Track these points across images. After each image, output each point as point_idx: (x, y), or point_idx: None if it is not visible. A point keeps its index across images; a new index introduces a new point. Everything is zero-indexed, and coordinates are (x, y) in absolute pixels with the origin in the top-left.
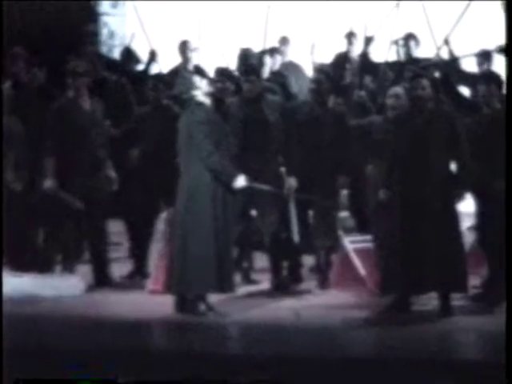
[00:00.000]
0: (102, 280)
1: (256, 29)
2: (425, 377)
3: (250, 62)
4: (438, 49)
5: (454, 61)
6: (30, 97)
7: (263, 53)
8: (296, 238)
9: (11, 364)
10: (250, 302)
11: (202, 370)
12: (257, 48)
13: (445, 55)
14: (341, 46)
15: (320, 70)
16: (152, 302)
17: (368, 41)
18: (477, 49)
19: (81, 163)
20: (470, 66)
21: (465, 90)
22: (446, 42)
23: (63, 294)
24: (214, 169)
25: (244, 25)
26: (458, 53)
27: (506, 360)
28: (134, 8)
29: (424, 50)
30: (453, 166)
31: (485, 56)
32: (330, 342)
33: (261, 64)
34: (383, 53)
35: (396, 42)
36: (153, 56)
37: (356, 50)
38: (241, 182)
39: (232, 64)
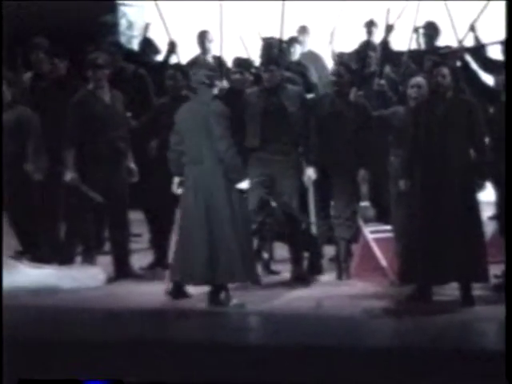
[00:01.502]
0: (122, 271)
1: (275, 18)
2: (446, 367)
3: (270, 51)
4: (462, 38)
5: (478, 48)
6: (50, 88)
7: (282, 42)
8: (315, 229)
9: (30, 355)
10: (270, 293)
11: (223, 360)
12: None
13: (470, 42)
14: (360, 35)
15: (340, 61)
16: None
17: (389, 29)
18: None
19: (101, 155)
20: (496, 53)
21: (489, 78)
22: (472, 28)
23: (83, 286)
24: (229, 163)
25: (264, 14)
26: (483, 40)
27: (506, 361)
28: None
29: (446, 39)
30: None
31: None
32: (351, 332)
33: (280, 54)
34: (404, 41)
35: (416, 31)
36: (172, 47)
37: (376, 39)
38: (245, 184)
39: (252, 53)
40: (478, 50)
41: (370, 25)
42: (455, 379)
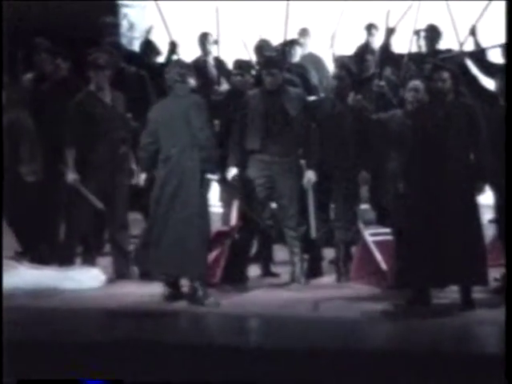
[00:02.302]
0: (122, 272)
1: (277, 20)
2: (445, 370)
3: (269, 53)
4: (463, 41)
5: (479, 52)
6: (53, 88)
7: (284, 45)
8: (314, 232)
9: (29, 357)
10: (269, 295)
11: (220, 362)
12: (278, 40)
13: (471, 45)
14: (361, 38)
15: (342, 65)
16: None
17: (389, 32)
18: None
19: (102, 156)
20: (497, 57)
21: (490, 82)
22: (473, 32)
23: (83, 287)
24: (210, 152)
25: (265, 16)
26: (484, 43)
27: (506, 361)
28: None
29: (447, 42)
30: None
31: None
32: (350, 335)
33: (282, 56)
34: (405, 44)
35: (417, 33)
36: (173, 47)
37: (377, 42)
38: (215, 177)
39: (253, 56)
40: (479, 54)
41: (371, 28)
42: (455, 382)
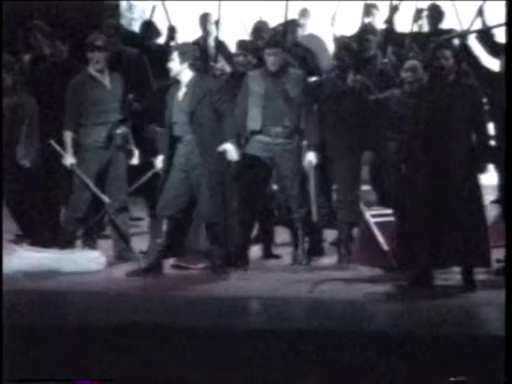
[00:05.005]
0: (122, 255)
1: (277, 1)
2: (446, 352)
3: (270, 34)
4: (470, 23)
5: (486, 32)
6: (51, 70)
7: (284, 25)
8: (315, 215)
9: (30, 340)
10: (271, 276)
11: (222, 345)
12: (278, 21)
13: (477, 26)
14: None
15: (342, 45)
16: (173, 277)
17: (393, 9)
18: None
19: (100, 138)
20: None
21: (496, 63)
22: (480, 12)
23: (84, 269)
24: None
25: None
26: (491, 24)
27: (506, 362)
28: None
29: (451, 22)
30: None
31: None
32: (351, 316)
33: (283, 37)
34: (406, 24)
35: (419, 13)
36: (172, 33)
37: (377, 22)
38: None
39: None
40: (483, 34)
41: (370, 7)
42: (456, 364)
